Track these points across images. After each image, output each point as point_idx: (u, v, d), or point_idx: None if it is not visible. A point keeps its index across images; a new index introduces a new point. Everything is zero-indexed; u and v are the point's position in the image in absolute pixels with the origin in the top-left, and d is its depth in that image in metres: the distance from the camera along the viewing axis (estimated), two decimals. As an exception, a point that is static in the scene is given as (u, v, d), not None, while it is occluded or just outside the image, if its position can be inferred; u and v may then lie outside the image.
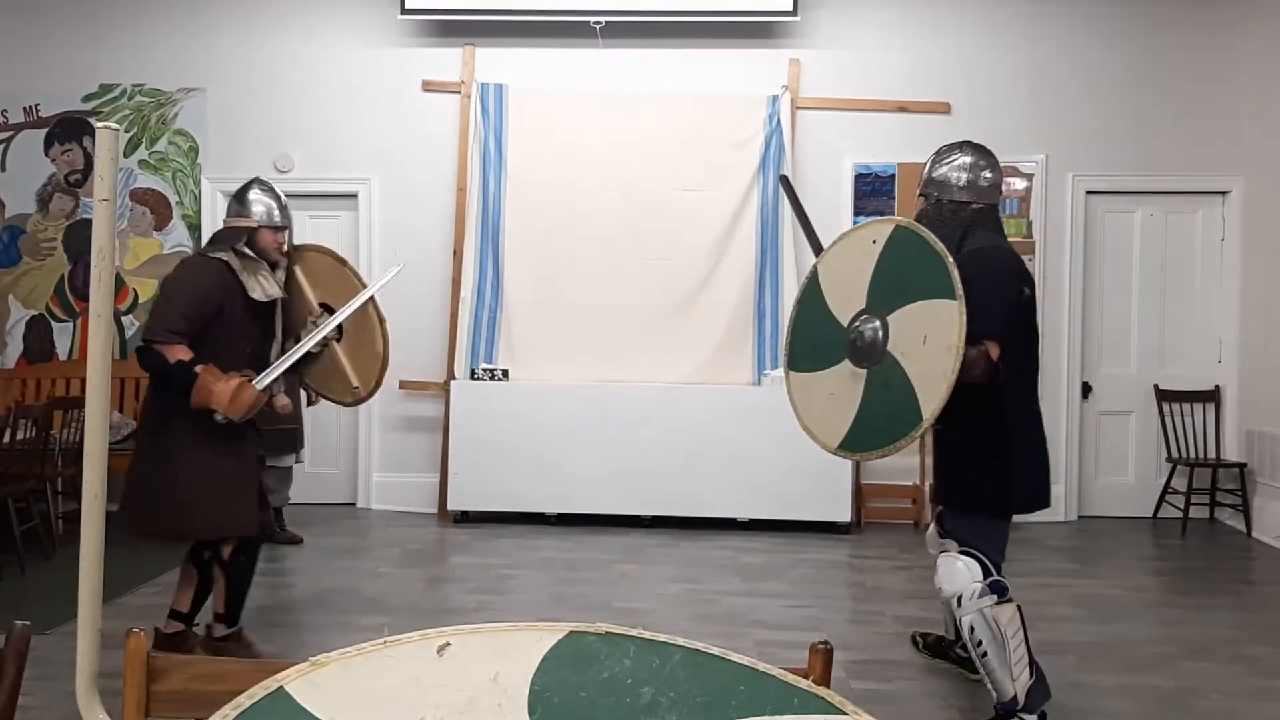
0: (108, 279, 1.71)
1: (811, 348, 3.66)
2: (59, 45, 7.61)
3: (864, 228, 3.62)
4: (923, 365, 3.29)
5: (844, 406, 3.49)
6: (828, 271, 3.63)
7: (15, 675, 1.63)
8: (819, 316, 3.60)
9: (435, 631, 1.27)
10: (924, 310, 3.30)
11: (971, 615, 3.51)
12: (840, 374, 3.51)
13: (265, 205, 4.30)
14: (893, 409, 3.38)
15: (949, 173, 3.80)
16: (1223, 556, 6.57)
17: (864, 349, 3.45)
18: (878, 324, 3.42)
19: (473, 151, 7.42)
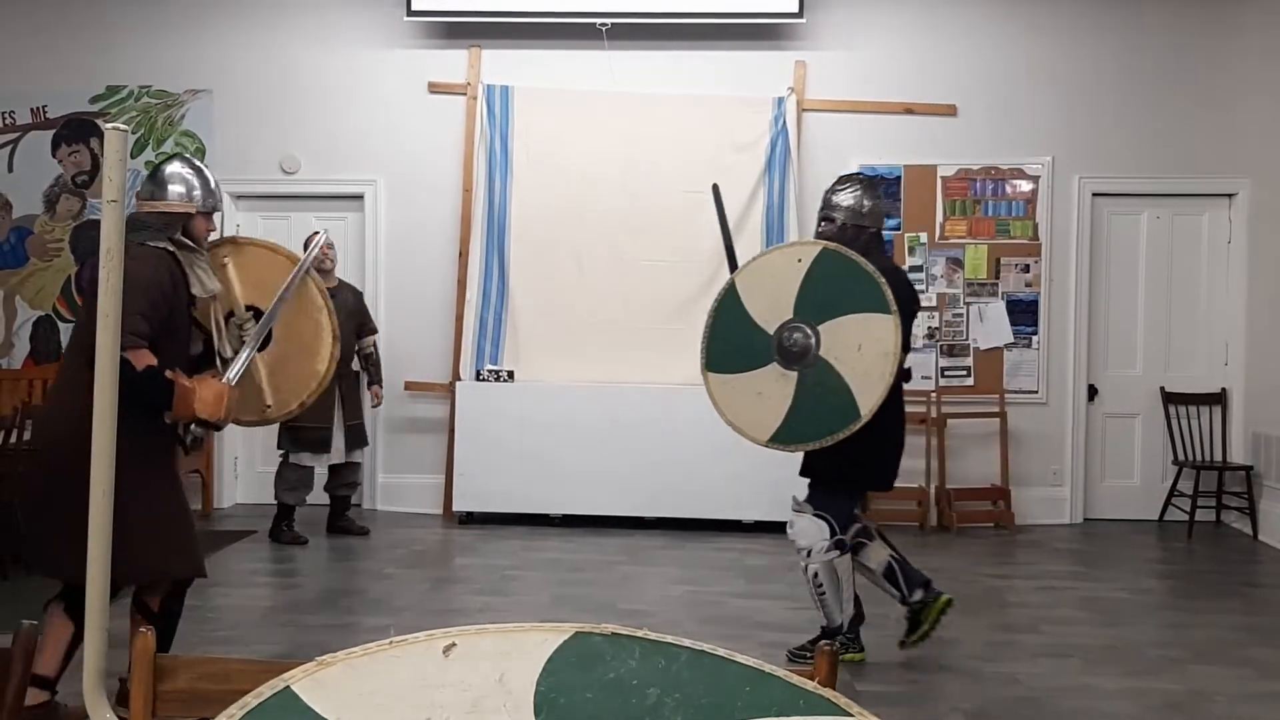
0: (116, 279, 1.71)
1: (733, 352, 4.15)
2: (66, 47, 7.63)
3: (788, 248, 4.34)
4: (858, 369, 3.91)
5: (775, 404, 4.03)
6: (747, 284, 4.17)
7: (23, 674, 1.63)
8: (740, 324, 4.12)
9: (441, 632, 1.27)
10: (857, 322, 3.95)
11: (818, 565, 4.25)
12: (768, 375, 4.05)
13: (199, 186, 3.68)
14: (829, 406, 3.97)
15: (852, 199, 4.39)
16: (1229, 559, 6.56)
17: (795, 353, 4.04)
18: (809, 332, 4.02)
19: (478, 153, 7.43)
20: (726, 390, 4.18)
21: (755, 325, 4.08)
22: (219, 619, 5.07)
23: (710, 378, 4.23)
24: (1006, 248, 7.43)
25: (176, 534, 3.54)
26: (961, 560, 6.41)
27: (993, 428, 7.34)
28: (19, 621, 1.67)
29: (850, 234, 4.28)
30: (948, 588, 5.75)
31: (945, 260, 7.43)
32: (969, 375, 7.44)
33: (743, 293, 4.15)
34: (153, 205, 3.65)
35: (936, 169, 7.42)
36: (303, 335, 3.90)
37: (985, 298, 7.44)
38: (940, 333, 7.44)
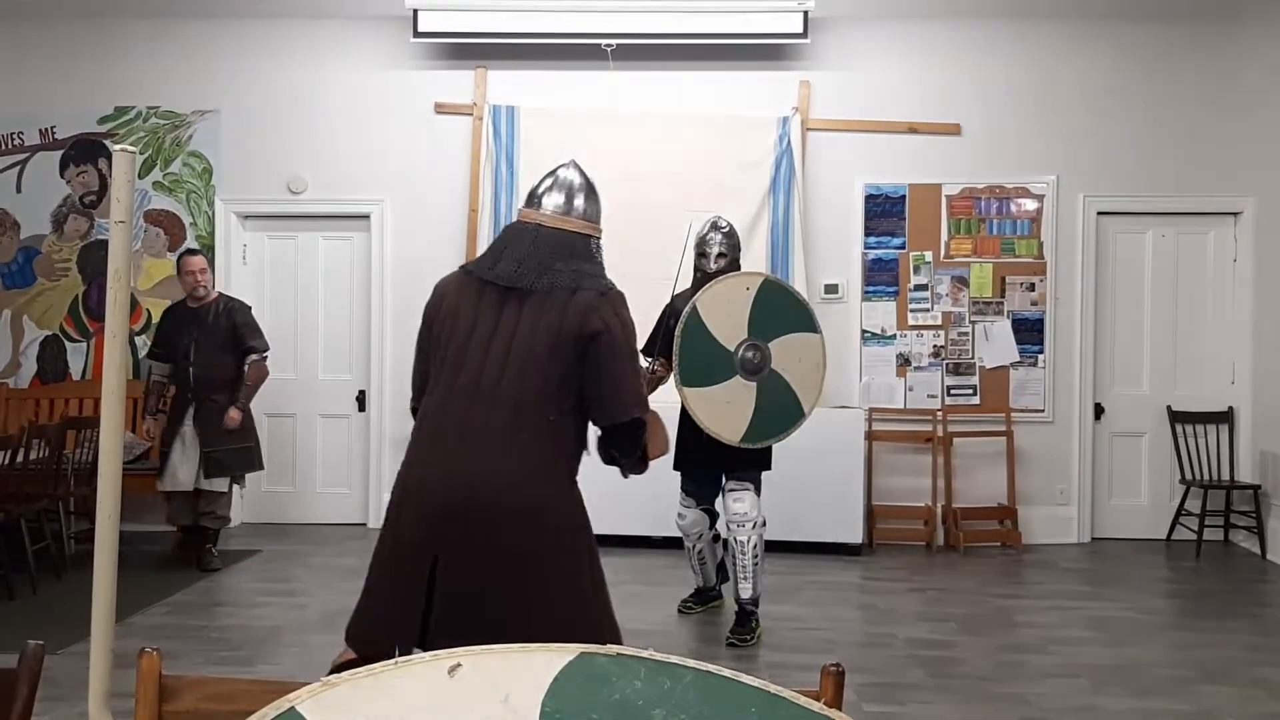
0: (123, 300, 1.72)
1: (703, 367, 4.76)
2: (75, 68, 7.68)
3: (739, 277, 5.00)
4: (799, 378, 4.85)
5: (742, 409, 4.78)
6: (707, 309, 4.79)
7: (28, 695, 1.63)
8: (705, 343, 4.75)
9: (446, 652, 1.27)
10: (795, 339, 4.86)
11: (756, 536, 5.02)
12: (734, 386, 4.78)
13: None
14: (781, 408, 4.81)
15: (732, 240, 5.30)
16: (1237, 579, 6.53)
17: (753, 367, 4.80)
18: (761, 348, 4.80)
19: (484, 173, 7.45)
20: (703, 401, 4.76)
21: (718, 344, 4.77)
22: (224, 639, 5.07)
23: (687, 391, 4.77)
24: (1012, 266, 7.44)
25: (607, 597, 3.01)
26: (969, 580, 6.39)
27: (999, 447, 7.33)
28: (25, 642, 1.67)
29: (732, 262, 5.21)
30: (956, 607, 5.76)
31: (950, 279, 7.44)
32: (975, 394, 7.43)
33: (705, 316, 4.78)
34: (571, 224, 2.94)
35: (941, 188, 7.44)
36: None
37: (991, 316, 7.44)
38: (946, 351, 7.44)
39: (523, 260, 2.85)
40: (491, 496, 2.68)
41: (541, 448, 2.76)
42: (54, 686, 3.77)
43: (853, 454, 6.95)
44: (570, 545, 2.81)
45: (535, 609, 2.71)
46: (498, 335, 2.78)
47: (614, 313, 2.82)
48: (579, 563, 2.83)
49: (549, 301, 2.79)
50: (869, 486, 7.22)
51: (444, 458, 2.76)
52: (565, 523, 2.81)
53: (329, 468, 7.74)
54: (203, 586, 6.05)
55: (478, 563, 2.68)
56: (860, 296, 7.45)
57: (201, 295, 6.51)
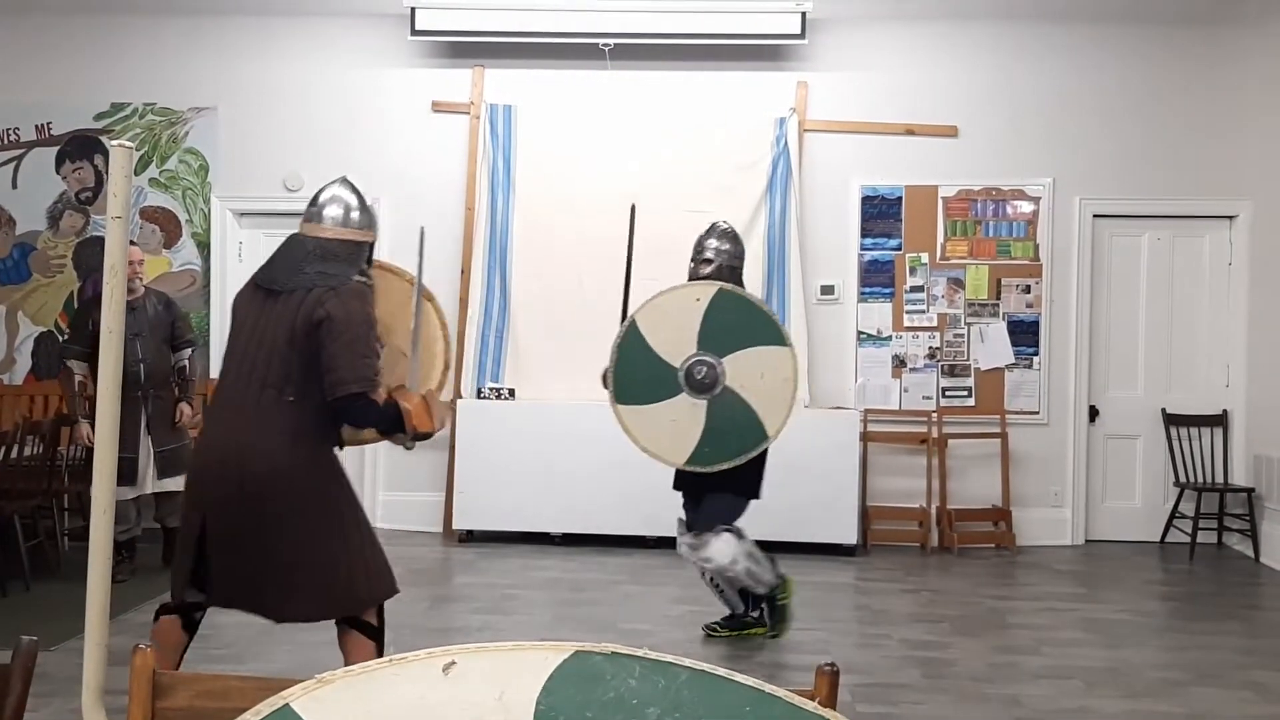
0: (119, 296, 1.72)
1: (641, 384, 4.52)
2: (71, 64, 7.66)
3: (684, 289, 4.68)
4: (762, 396, 4.45)
5: (688, 429, 4.48)
6: (648, 322, 4.54)
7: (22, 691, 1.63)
8: (646, 358, 4.50)
9: (441, 650, 1.27)
10: (757, 354, 4.48)
11: (738, 570, 4.73)
12: (679, 404, 4.49)
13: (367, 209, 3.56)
14: (738, 428, 4.47)
15: (725, 244, 4.95)
16: (1230, 582, 6.54)
17: (703, 382, 4.50)
18: (713, 363, 4.49)
19: (481, 172, 7.45)
20: (639, 420, 4.53)
21: (660, 359, 4.50)
22: (217, 636, 5.05)
23: (621, 409, 4.53)
24: (1007, 268, 7.45)
25: (380, 550, 3.50)
26: (962, 581, 6.40)
27: (994, 448, 7.34)
28: (19, 637, 1.67)
29: (726, 274, 4.82)
30: (950, 609, 5.77)
31: (946, 280, 7.45)
32: (970, 396, 7.44)
33: (644, 330, 4.53)
34: (341, 233, 3.41)
35: (937, 190, 7.45)
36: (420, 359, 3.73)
37: (986, 318, 7.44)
38: (941, 353, 7.45)
39: (280, 266, 3.41)
40: (238, 464, 3.20)
41: (284, 422, 3.23)
42: (48, 683, 3.76)
43: (848, 455, 6.95)
44: (315, 508, 3.28)
45: (285, 563, 3.24)
46: (256, 329, 3.31)
47: (340, 303, 3.26)
48: (325, 523, 3.29)
49: (292, 299, 3.29)
50: (864, 487, 7.22)
51: (210, 431, 3.43)
52: (307, 488, 3.27)
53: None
54: (197, 584, 6.03)
55: (232, 521, 3.22)
56: (856, 298, 7.46)
57: (136, 288, 6.12)
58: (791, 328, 7.31)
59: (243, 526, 3.21)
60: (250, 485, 3.20)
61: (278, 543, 3.23)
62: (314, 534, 3.27)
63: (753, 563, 4.79)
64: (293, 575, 3.26)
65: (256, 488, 3.20)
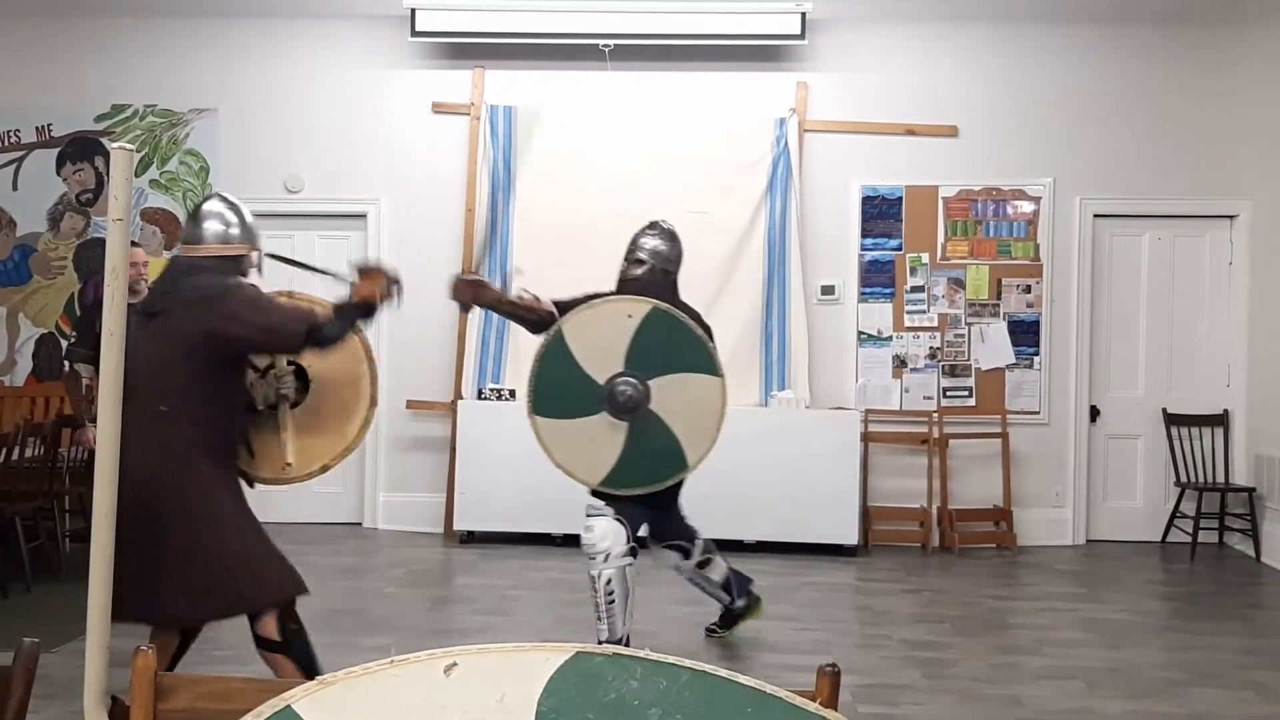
0: (120, 297, 1.72)
1: (561, 398, 4.29)
2: (71, 66, 7.66)
3: (617, 302, 4.35)
4: (687, 425, 4.23)
5: (606, 449, 4.25)
6: (575, 334, 4.27)
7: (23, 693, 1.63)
8: (569, 372, 4.25)
9: (442, 652, 1.27)
10: (688, 381, 4.23)
11: (613, 570, 4.40)
12: (598, 423, 4.25)
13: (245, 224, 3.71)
14: (657, 455, 4.26)
15: (661, 245, 4.65)
16: (1231, 582, 6.54)
17: (625, 405, 4.24)
18: (639, 385, 4.22)
19: (482, 173, 7.45)
20: (555, 433, 4.33)
21: (585, 374, 4.25)
22: (219, 638, 5.05)
23: (538, 421, 4.33)
24: (1008, 268, 7.45)
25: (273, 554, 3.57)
26: (963, 581, 6.40)
27: (994, 448, 7.34)
28: (20, 639, 1.67)
29: (658, 276, 4.55)
30: (951, 609, 5.77)
31: (947, 281, 7.45)
32: (971, 396, 7.44)
33: (571, 342, 4.27)
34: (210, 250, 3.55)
35: (938, 190, 7.44)
36: (341, 396, 3.77)
37: (987, 318, 7.44)
38: (942, 353, 7.45)
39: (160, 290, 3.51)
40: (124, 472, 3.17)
41: (162, 433, 3.32)
42: (49, 684, 3.76)
43: (848, 455, 6.95)
44: (191, 512, 3.36)
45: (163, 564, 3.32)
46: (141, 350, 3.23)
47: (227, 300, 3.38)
48: (202, 527, 3.37)
49: (171, 318, 3.39)
50: (864, 488, 7.22)
51: None
52: (181, 495, 3.36)
53: (324, 467, 7.72)
54: (198, 585, 6.04)
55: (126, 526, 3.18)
56: (856, 298, 7.46)
57: (140, 290, 6.21)
58: (792, 328, 7.34)
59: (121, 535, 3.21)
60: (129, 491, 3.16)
61: (155, 548, 3.30)
62: (191, 538, 3.35)
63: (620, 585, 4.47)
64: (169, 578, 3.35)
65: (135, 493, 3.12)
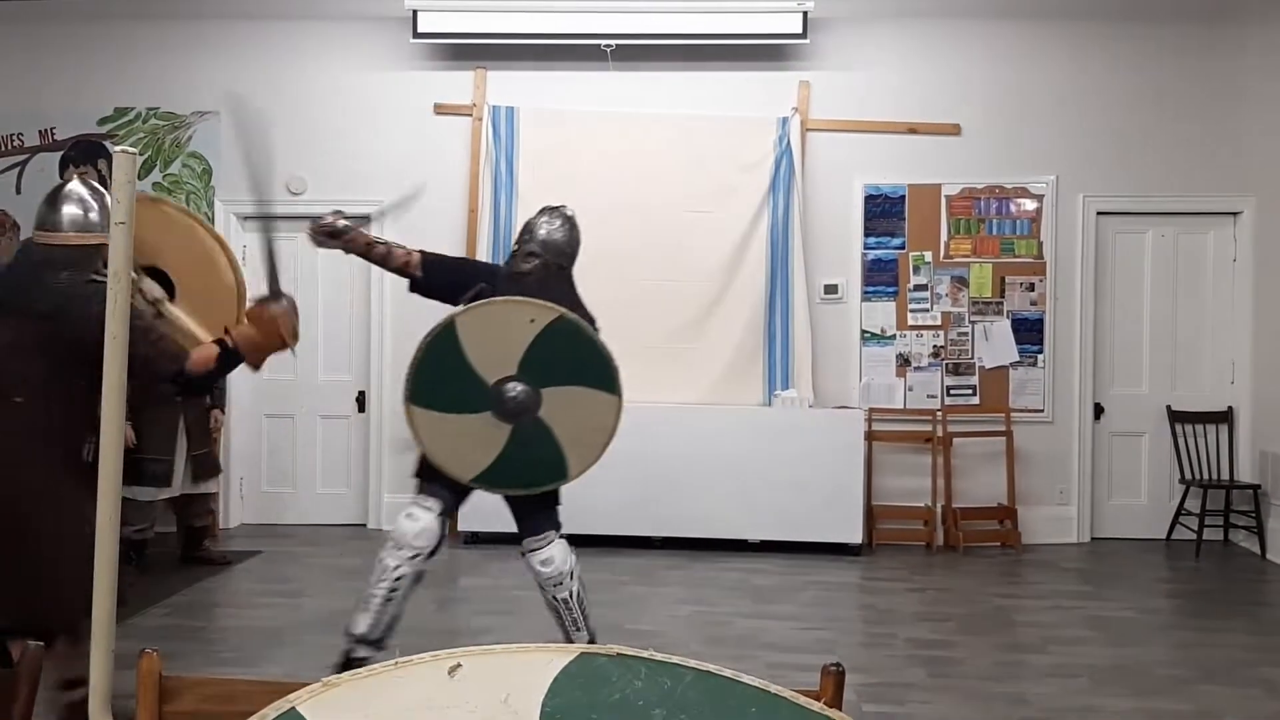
0: (123, 301, 1.72)
1: (443, 391, 4.08)
2: (74, 69, 7.67)
3: (521, 305, 4.06)
4: (574, 437, 4.10)
5: (483, 448, 4.08)
6: (469, 330, 4.02)
7: (28, 695, 1.64)
8: (456, 367, 4.01)
9: (446, 652, 1.27)
10: (583, 395, 4.10)
11: (574, 585, 4.33)
12: (479, 421, 4.07)
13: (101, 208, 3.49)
14: (539, 461, 4.11)
15: (559, 236, 4.45)
16: (1237, 579, 6.53)
17: (514, 409, 4.04)
18: (531, 391, 4.04)
19: (484, 173, 7.46)
20: (431, 425, 4.12)
21: (473, 372, 4.04)
22: (224, 639, 5.08)
23: (415, 410, 4.10)
24: (1011, 266, 7.44)
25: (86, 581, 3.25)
26: (969, 580, 6.40)
27: (999, 447, 7.33)
28: (25, 642, 1.68)
29: (553, 272, 4.36)
30: (956, 607, 5.76)
31: (950, 279, 7.44)
32: (974, 394, 7.43)
33: (463, 336, 4.03)
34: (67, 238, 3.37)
35: (940, 188, 7.44)
36: (195, 259, 3.62)
37: (990, 316, 7.44)
38: (945, 351, 7.44)
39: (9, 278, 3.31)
40: None
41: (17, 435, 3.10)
42: (54, 687, 3.76)
43: (852, 454, 6.95)
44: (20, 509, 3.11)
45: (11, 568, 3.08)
46: None
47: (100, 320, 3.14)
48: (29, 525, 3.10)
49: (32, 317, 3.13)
50: (868, 487, 7.21)
51: None
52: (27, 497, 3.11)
53: (328, 469, 7.73)
54: (203, 587, 6.06)
55: None
56: (860, 297, 7.45)
57: None
58: (795, 327, 7.34)
59: None
60: None
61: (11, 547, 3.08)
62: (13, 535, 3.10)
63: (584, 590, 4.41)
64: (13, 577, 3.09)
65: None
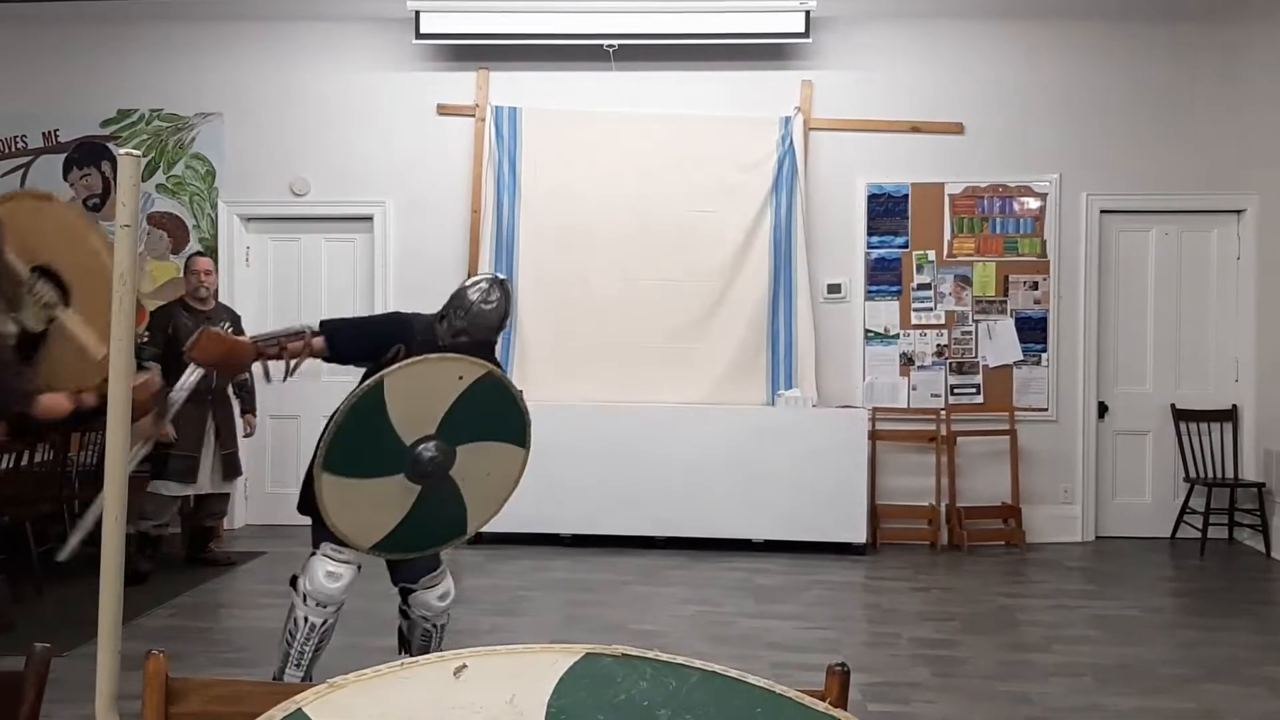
0: (129, 303, 1.72)
1: (360, 455, 3.77)
2: (78, 71, 7.69)
3: (451, 361, 3.81)
4: (479, 493, 3.92)
5: (388, 513, 3.81)
6: (395, 388, 3.72)
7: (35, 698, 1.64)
8: (377, 427, 3.73)
9: (452, 653, 1.27)
10: (494, 450, 3.91)
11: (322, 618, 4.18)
12: (392, 485, 3.78)
13: None
14: (440, 522, 3.89)
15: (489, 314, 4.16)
16: (1242, 577, 6.52)
17: (426, 469, 3.76)
18: (446, 450, 3.78)
19: (487, 174, 7.46)
20: (340, 492, 3.76)
21: (393, 432, 3.74)
22: (229, 641, 5.08)
23: (325, 478, 3.71)
24: (1015, 265, 7.43)
25: None
26: (973, 579, 6.39)
27: (1003, 445, 7.33)
28: (32, 644, 1.68)
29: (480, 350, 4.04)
30: (960, 607, 5.76)
31: (953, 278, 7.43)
32: (978, 393, 7.43)
33: (389, 396, 3.74)
34: None
35: (944, 187, 7.43)
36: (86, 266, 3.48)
37: (994, 315, 7.43)
38: (949, 350, 7.44)
39: None
40: None
41: None
42: (60, 689, 3.76)
43: (856, 453, 6.95)
44: None
45: None
46: None
47: None
48: None
49: None
50: (872, 486, 7.21)
51: None
52: None
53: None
54: (208, 588, 6.06)
55: None
56: (863, 296, 7.45)
57: (204, 296, 6.53)
58: (799, 327, 7.34)
59: None
60: None
61: None
62: None
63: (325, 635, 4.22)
64: None
65: None
